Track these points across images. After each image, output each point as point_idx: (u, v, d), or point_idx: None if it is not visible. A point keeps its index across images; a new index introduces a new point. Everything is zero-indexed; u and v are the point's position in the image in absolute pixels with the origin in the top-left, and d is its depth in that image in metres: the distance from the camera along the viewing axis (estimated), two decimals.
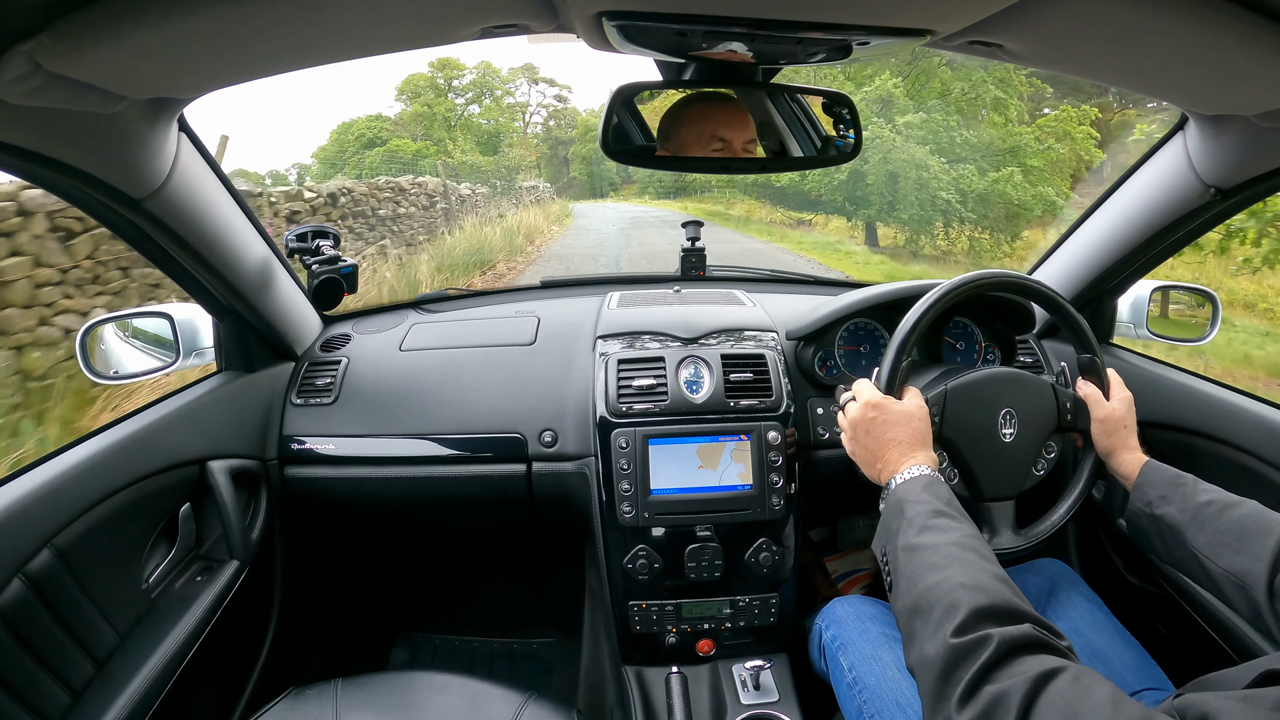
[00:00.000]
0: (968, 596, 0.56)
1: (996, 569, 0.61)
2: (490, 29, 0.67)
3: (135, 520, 0.98)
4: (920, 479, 0.76)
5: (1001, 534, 0.93)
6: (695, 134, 0.94)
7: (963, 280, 0.94)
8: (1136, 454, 0.90)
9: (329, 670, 1.46)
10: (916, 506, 0.71)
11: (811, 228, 14.76)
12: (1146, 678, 0.83)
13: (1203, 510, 0.79)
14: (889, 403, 0.84)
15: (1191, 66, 0.67)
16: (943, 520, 0.68)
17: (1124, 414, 0.92)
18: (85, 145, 0.75)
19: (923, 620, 0.59)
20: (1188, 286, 1.34)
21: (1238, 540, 0.74)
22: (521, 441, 1.22)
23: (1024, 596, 0.59)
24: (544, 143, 33.43)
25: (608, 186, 29.41)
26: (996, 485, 0.93)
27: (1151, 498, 0.84)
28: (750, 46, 0.70)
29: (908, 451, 0.81)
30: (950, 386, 0.91)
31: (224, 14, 0.56)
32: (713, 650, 1.17)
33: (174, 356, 1.17)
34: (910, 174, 11.02)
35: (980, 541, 0.66)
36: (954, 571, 0.60)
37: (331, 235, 1.27)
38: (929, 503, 0.71)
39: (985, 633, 0.53)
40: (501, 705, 0.93)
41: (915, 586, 0.62)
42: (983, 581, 0.58)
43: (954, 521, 0.68)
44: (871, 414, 0.85)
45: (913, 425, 0.83)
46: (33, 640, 0.80)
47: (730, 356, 1.18)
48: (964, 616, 0.55)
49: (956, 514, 0.70)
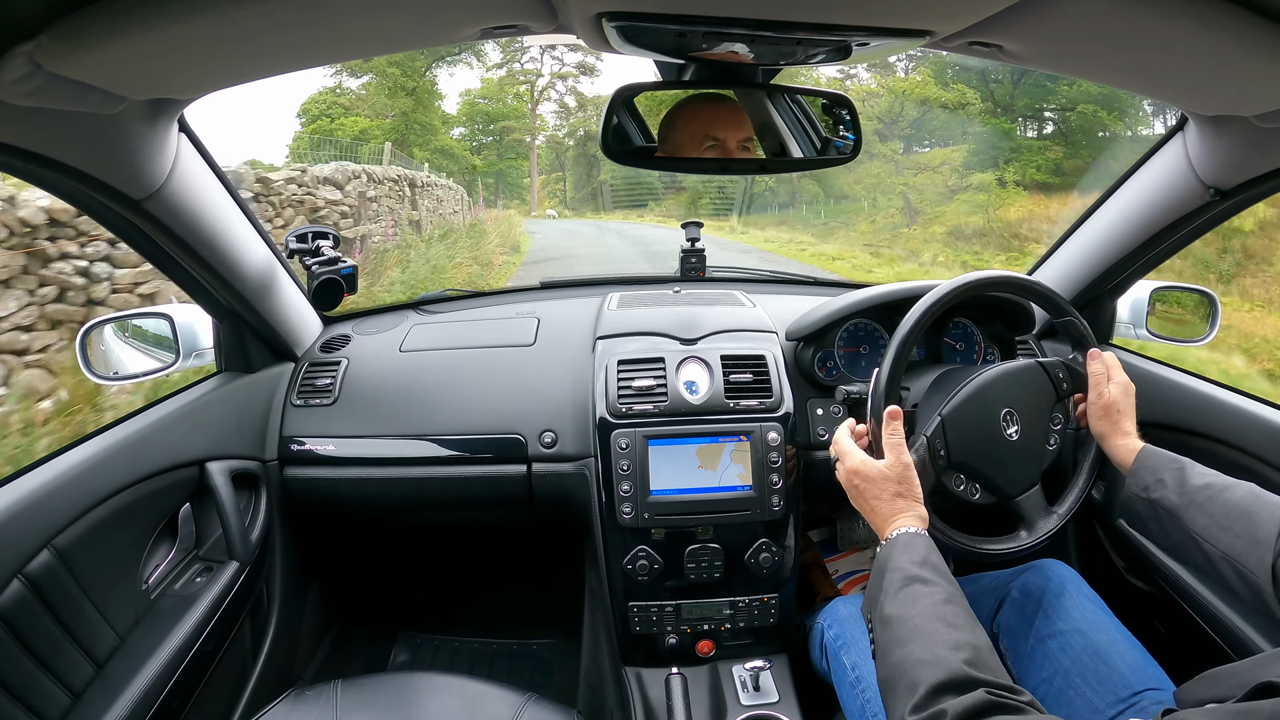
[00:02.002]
0: (925, 674, 0.60)
1: (959, 635, 0.63)
2: (490, 29, 0.68)
3: (135, 521, 0.98)
4: (900, 540, 0.77)
5: (1036, 524, 0.94)
6: (689, 134, 0.94)
7: (962, 281, 0.94)
8: (1132, 440, 0.90)
9: (329, 670, 1.46)
10: (892, 575, 0.72)
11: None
12: (1148, 678, 0.83)
13: (1200, 493, 0.79)
14: (866, 468, 0.85)
15: (1191, 66, 0.67)
16: (915, 588, 0.70)
17: (1119, 398, 0.93)
18: (85, 146, 0.75)
19: (891, 695, 0.63)
20: (1187, 287, 1.34)
21: (1236, 523, 0.74)
22: (521, 442, 1.22)
23: (988, 654, 0.62)
24: (567, 133, 24.88)
25: (646, 194, 21.43)
26: (1018, 482, 0.94)
27: (1148, 482, 0.84)
28: (750, 47, 0.70)
29: (890, 515, 0.81)
30: (945, 413, 0.92)
31: (224, 15, 0.56)
32: (713, 651, 1.17)
33: (174, 357, 1.17)
34: None
35: (949, 606, 0.67)
36: (915, 647, 0.63)
37: (331, 236, 1.27)
38: (903, 569, 0.72)
39: (940, 707, 0.56)
40: (501, 706, 0.93)
41: (886, 661, 0.66)
42: (940, 655, 0.61)
43: (926, 587, 0.69)
44: (855, 481, 0.86)
45: (891, 488, 0.83)
46: (33, 641, 0.80)
47: (730, 357, 1.18)
48: (921, 694, 0.58)
49: (930, 575, 0.71)
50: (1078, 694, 0.85)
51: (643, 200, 21.57)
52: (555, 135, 25.55)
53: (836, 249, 13.89)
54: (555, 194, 26.15)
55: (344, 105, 19.68)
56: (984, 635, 0.65)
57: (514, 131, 24.19)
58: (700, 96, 0.93)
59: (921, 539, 0.77)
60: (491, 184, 23.32)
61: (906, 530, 0.78)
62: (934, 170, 16.31)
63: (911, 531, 0.78)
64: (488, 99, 23.82)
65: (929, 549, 0.75)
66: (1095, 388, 0.94)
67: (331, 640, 1.54)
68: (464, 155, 21.98)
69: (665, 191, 21.04)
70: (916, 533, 0.78)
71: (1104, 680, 0.84)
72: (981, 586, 1.06)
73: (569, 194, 25.67)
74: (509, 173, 24.60)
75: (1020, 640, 0.94)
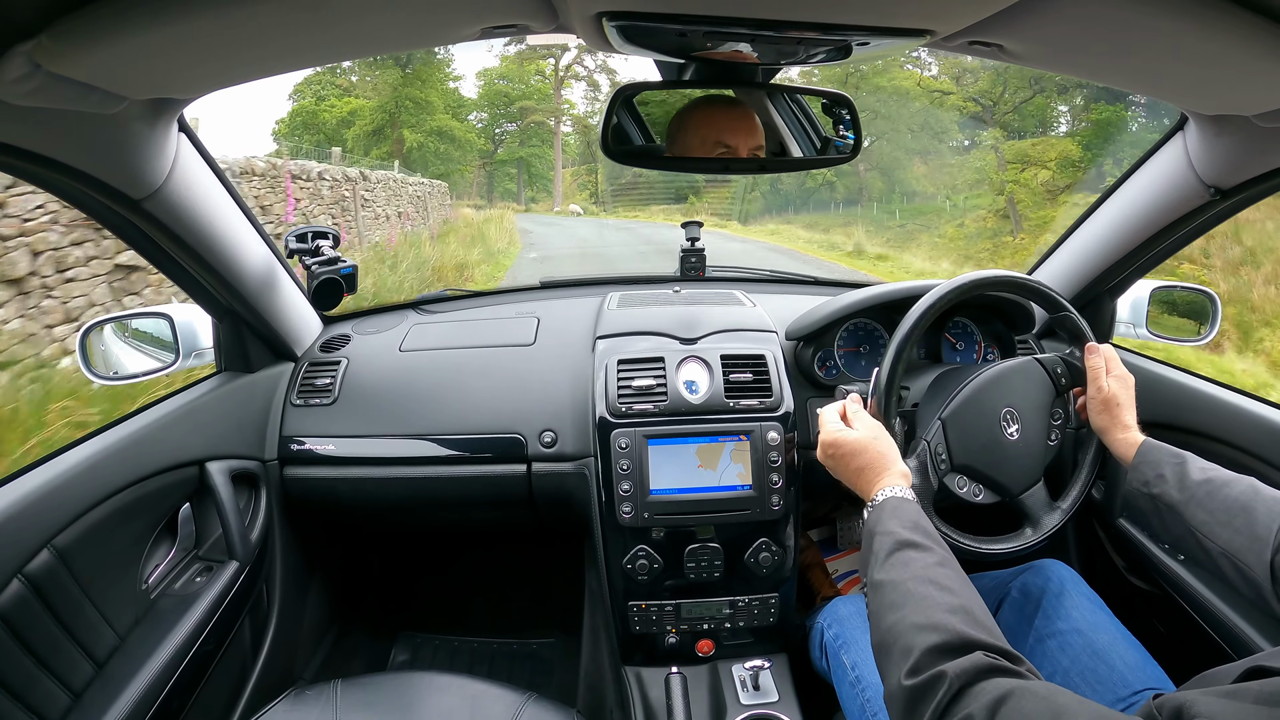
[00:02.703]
0: (920, 638, 0.59)
1: (953, 598, 0.62)
2: (490, 29, 0.68)
3: (135, 521, 0.98)
4: (887, 504, 0.76)
5: (1040, 521, 0.95)
6: (700, 139, 0.94)
7: (962, 280, 0.94)
8: (1132, 433, 0.90)
9: (329, 670, 1.46)
10: (882, 539, 0.71)
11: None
12: (1149, 677, 0.83)
13: (1200, 489, 0.79)
14: (843, 435, 0.85)
15: (1191, 66, 0.67)
16: (907, 553, 0.68)
17: (1118, 391, 0.92)
18: (85, 146, 0.75)
19: (885, 659, 0.62)
20: (1187, 286, 1.34)
21: (1235, 518, 0.74)
22: (521, 442, 1.22)
23: (982, 616, 0.61)
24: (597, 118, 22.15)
25: (687, 189, 19.06)
26: (1021, 480, 0.95)
27: (1149, 477, 0.84)
28: (750, 47, 0.70)
29: (875, 477, 0.81)
30: (944, 416, 0.92)
31: (224, 14, 0.56)
32: (712, 650, 1.17)
33: (173, 357, 1.17)
34: None
35: (942, 569, 0.66)
36: (909, 611, 0.62)
37: (331, 236, 1.27)
38: (893, 533, 0.71)
39: (939, 670, 0.55)
40: (501, 705, 0.93)
41: (879, 625, 0.64)
42: (935, 618, 0.60)
43: (917, 552, 0.68)
44: (830, 451, 0.85)
45: (870, 452, 0.82)
46: (33, 641, 0.80)
47: (730, 357, 1.18)
48: (917, 657, 0.57)
49: (921, 539, 0.70)
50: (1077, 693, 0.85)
51: (682, 195, 18.88)
52: (585, 120, 22.24)
53: (929, 263, 11.39)
54: (586, 186, 23.27)
55: (342, 86, 17.73)
56: (978, 598, 0.64)
57: (533, 113, 21.27)
58: (712, 100, 0.93)
59: (910, 503, 0.75)
60: (513, 173, 20.91)
61: (893, 493, 0.77)
62: (1042, 165, 13.32)
63: (898, 494, 0.77)
64: (507, 79, 21.20)
65: (918, 513, 0.74)
66: (1094, 382, 0.94)
67: (331, 640, 1.54)
68: (468, 138, 19.15)
69: (707, 185, 18.06)
70: (903, 496, 0.76)
71: (1103, 679, 0.84)
72: (981, 586, 1.05)
73: (600, 186, 22.98)
74: (533, 162, 21.95)
75: (1020, 640, 0.95)
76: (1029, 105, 15.00)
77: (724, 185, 17.15)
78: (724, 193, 17.85)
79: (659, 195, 19.30)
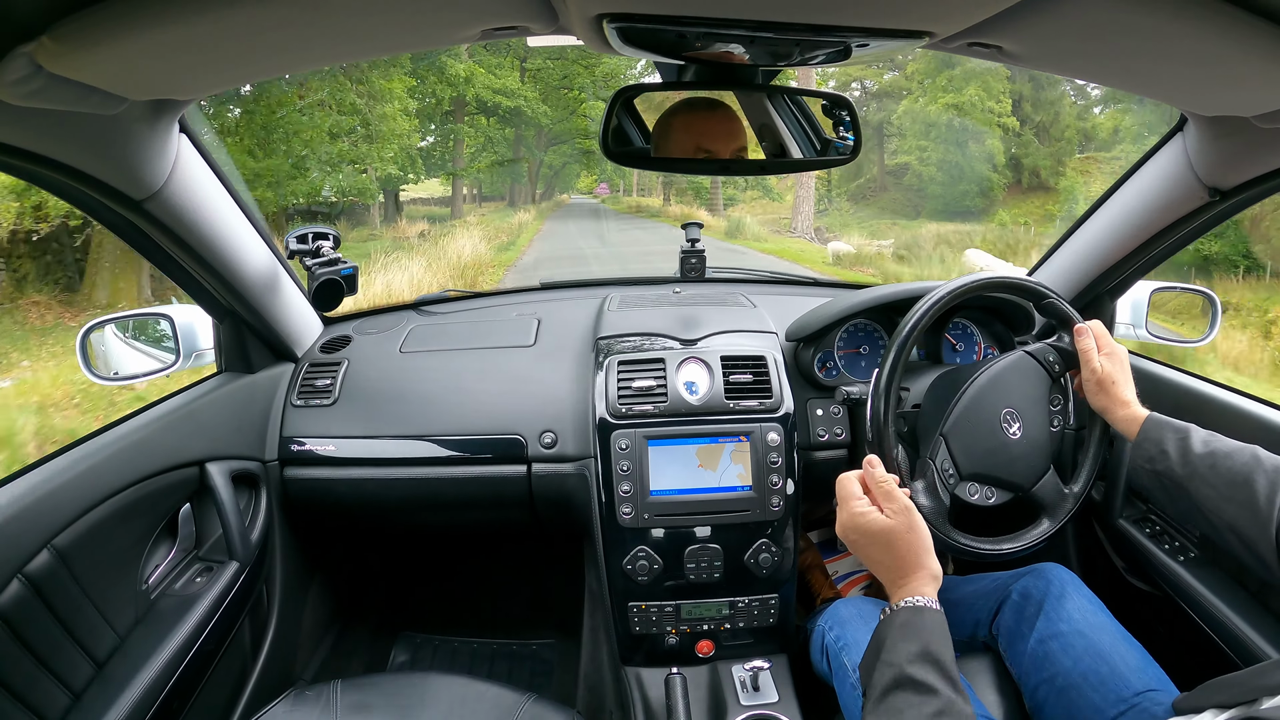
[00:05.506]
0: None
1: None
2: (491, 30, 0.68)
3: (135, 521, 0.98)
4: (897, 619, 0.67)
5: (1055, 508, 0.95)
6: (679, 145, 0.94)
7: (962, 282, 0.94)
8: (1132, 409, 0.88)
9: (329, 670, 1.46)
10: (883, 670, 0.64)
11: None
12: (1150, 679, 0.83)
13: (1202, 462, 0.78)
14: (873, 523, 0.73)
15: (1191, 67, 0.67)
16: (904, 696, 0.61)
17: (1113, 369, 0.91)
18: (86, 146, 0.75)
19: None
20: (1187, 287, 1.34)
21: (1239, 492, 0.74)
22: (521, 443, 1.22)
23: None
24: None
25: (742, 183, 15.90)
26: (1029, 474, 0.95)
27: (1153, 453, 0.83)
28: (749, 48, 0.70)
29: (900, 578, 0.71)
30: (946, 430, 0.92)
31: (224, 15, 0.56)
32: (712, 651, 1.17)
33: (174, 357, 1.17)
34: None
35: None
36: None
37: (332, 236, 1.27)
38: (896, 665, 0.63)
39: None
40: (501, 706, 0.93)
41: None
42: None
43: (916, 695, 0.61)
44: (851, 536, 0.75)
45: (900, 545, 0.72)
46: (33, 641, 0.80)
47: (730, 358, 1.18)
48: None
49: (924, 675, 0.62)
50: (1079, 694, 0.85)
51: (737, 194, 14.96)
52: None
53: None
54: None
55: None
56: None
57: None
58: (692, 104, 0.93)
59: (930, 615, 0.67)
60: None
61: (914, 602, 0.68)
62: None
63: (919, 604, 0.68)
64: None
65: (932, 634, 0.65)
66: (1087, 364, 0.93)
67: (331, 640, 1.54)
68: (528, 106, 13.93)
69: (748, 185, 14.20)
70: (925, 606, 0.67)
71: (1105, 681, 0.84)
72: (981, 588, 1.06)
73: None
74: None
75: (1021, 642, 0.95)
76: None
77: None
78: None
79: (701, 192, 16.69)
